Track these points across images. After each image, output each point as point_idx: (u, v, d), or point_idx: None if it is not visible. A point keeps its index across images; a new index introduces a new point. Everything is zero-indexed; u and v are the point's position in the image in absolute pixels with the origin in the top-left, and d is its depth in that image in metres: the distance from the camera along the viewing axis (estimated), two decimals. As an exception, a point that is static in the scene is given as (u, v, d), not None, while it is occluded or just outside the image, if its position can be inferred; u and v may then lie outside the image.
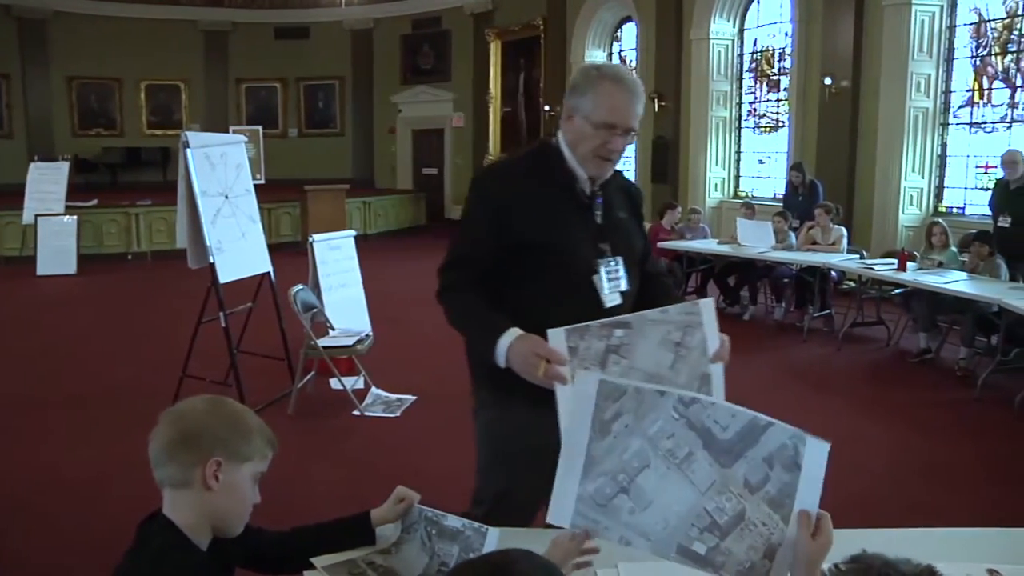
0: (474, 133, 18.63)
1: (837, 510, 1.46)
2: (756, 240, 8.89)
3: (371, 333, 6.20)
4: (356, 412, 5.69)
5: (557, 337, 1.87)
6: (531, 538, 1.78)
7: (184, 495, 1.55)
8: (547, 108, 16.68)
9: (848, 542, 1.43)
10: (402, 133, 20.14)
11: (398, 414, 5.72)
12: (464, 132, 18.96)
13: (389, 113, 20.10)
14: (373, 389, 6.05)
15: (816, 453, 1.45)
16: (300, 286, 5.89)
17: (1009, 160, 7.48)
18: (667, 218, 9.89)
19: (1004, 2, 10.02)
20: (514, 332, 2.04)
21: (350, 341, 5.87)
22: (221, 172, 5.88)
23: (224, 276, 5.64)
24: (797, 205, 9.69)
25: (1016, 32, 9.93)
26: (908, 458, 4.95)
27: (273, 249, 6.75)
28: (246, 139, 6.56)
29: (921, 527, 2.11)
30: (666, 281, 2.58)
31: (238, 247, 5.92)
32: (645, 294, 2.36)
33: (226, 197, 5.87)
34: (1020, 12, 9.84)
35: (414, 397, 5.98)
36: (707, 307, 1.98)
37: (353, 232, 7.32)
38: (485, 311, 2.18)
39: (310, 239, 6.51)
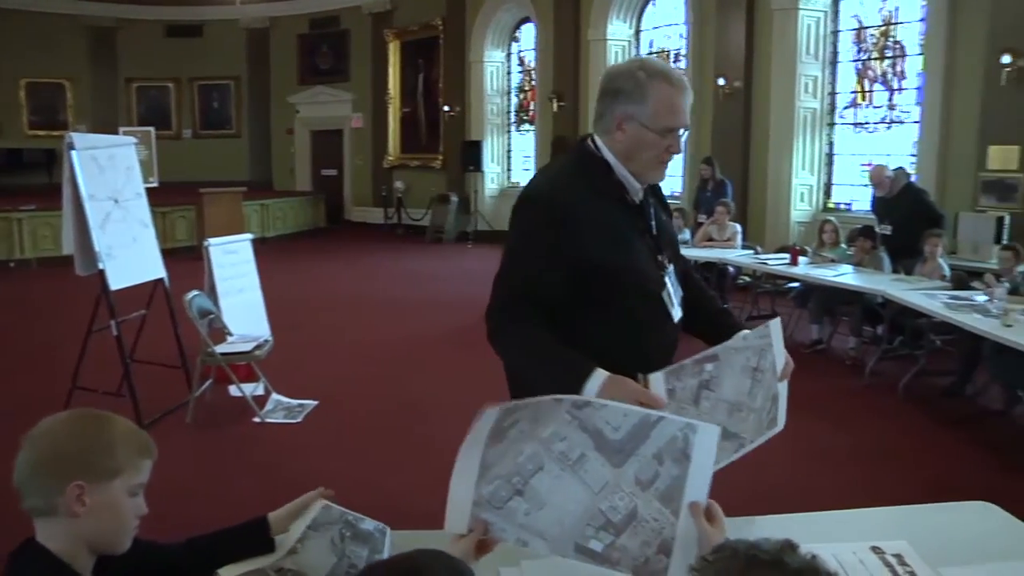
0: (373, 134, 18.49)
1: (738, 499, 1.50)
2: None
3: (270, 338, 6.09)
4: (257, 419, 5.58)
5: (657, 382, 1.83)
6: (431, 540, 1.79)
7: (53, 523, 1.46)
8: (446, 108, 16.69)
9: (740, 529, 1.47)
10: (300, 134, 19.81)
11: (300, 420, 5.62)
12: (363, 133, 18.79)
13: (287, 114, 19.73)
14: (273, 395, 5.94)
15: (706, 439, 1.50)
16: (196, 292, 5.73)
17: (876, 179, 7.80)
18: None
19: (880, 10, 10.50)
20: (602, 374, 1.87)
21: (248, 347, 5.75)
22: (110, 175, 5.67)
23: (115, 283, 5.44)
24: (704, 200, 9.87)
25: (892, 38, 10.42)
26: (803, 445, 5.11)
27: (168, 254, 6.56)
28: (136, 140, 6.36)
29: (815, 511, 2.18)
30: (694, 276, 2.42)
31: (129, 253, 5.72)
32: (687, 295, 2.27)
33: (116, 201, 5.66)
34: (895, 20, 10.33)
35: (315, 402, 5.89)
36: (776, 327, 2.03)
37: (250, 235, 7.17)
38: (561, 349, 1.96)
39: (205, 243, 6.34)
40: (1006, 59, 8.34)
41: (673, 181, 12.79)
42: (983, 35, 8.73)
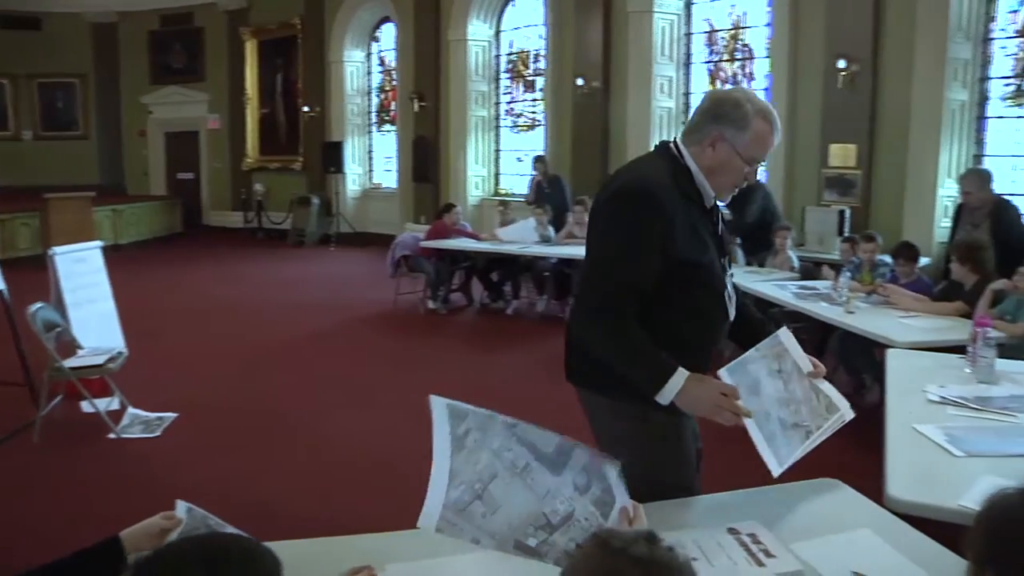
0: (231, 135, 17.93)
1: None
2: (518, 236, 9.15)
3: (124, 350, 5.82)
4: (112, 435, 5.31)
5: (724, 375, 2.18)
6: (305, 550, 1.79)
7: None
8: (306, 109, 16.39)
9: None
10: (154, 136, 18.97)
11: (159, 433, 5.40)
12: (221, 134, 18.17)
13: (139, 115, 18.82)
14: (130, 409, 5.68)
15: (611, 473, 1.67)
16: (40, 304, 5.41)
17: None
18: (449, 217, 9.88)
19: (730, 13, 10.95)
20: (683, 373, 2.09)
21: (100, 360, 5.47)
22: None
23: (-51, 297, 5.09)
24: (545, 198, 10.04)
25: (741, 41, 10.88)
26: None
27: (8, 265, 6.19)
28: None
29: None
30: (738, 285, 2.54)
31: (-36, 264, 5.36)
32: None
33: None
34: (743, 23, 10.79)
35: (175, 414, 5.67)
36: (786, 335, 2.23)
37: (100, 243, 6.84)
38: (653, 350, 2.13)
39: (50, 252, 6.01)
40: (841, 64, 8.86)
41: (517, 180, 13.05)
42: (821, 41, 9.23)
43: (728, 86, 10.92)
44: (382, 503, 4.15)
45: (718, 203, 2.35)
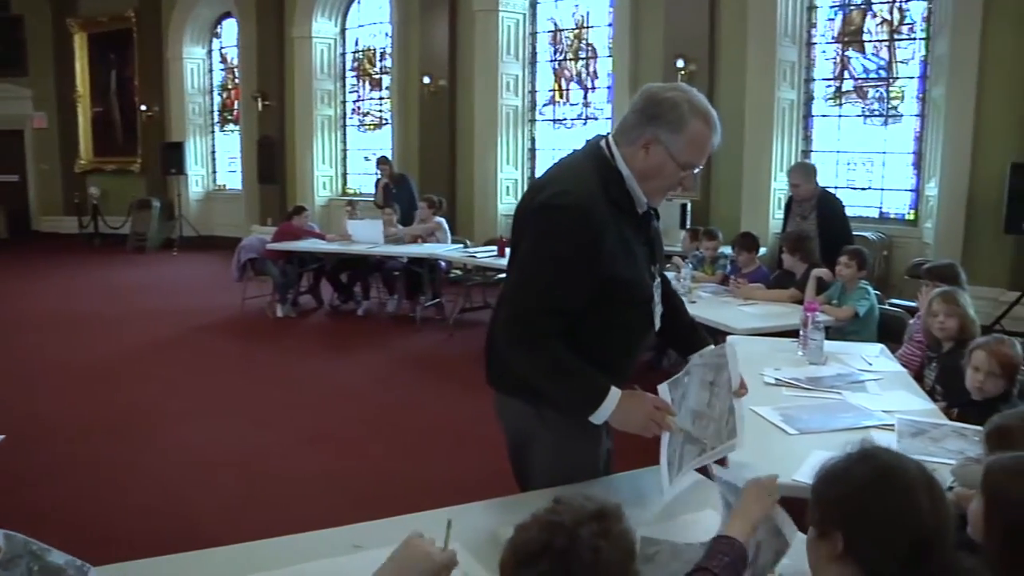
0: (61, 135, 16.83)
1: (475, 484, 1.51)
2: (366, 236, 9.03)
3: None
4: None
5: (664, 391, 2.18)
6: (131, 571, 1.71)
7: None
8: (144, 107, 15.66)
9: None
10: (-29, 136, 17.63)
11: (-22, 456, 5.01)
12: (49, 134, 17.00)
13: (-49, 112, 17.44)
14: (-58, 432, 5.24)
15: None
16: None
17: None
18: (298, 220, 9.60)
19: (574, 14, 11.17)
20: (616, 393, 2.06)
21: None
22: None
23: None
24: (392, 198, 9.96)
25: (584, 41, 11.12)
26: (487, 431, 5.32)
27: None
28: None
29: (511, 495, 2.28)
30: (672, 289, 2.50)
31: None
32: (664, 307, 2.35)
33: None
34: (587, 24, 11.02)
35: (2, 436, 5.27)
36: (732, 349, 2.19)
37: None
38: (584, 371, 2.07)
39: None
40: (680, 63, 9.18)
41: (365, 179, 12.96)
42: (660, 41, 9.54)
43: (568, 82, 11.15)
44: (238, 512, 4.00)
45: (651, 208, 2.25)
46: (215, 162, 16.01)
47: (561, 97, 11.41)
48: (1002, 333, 4.51)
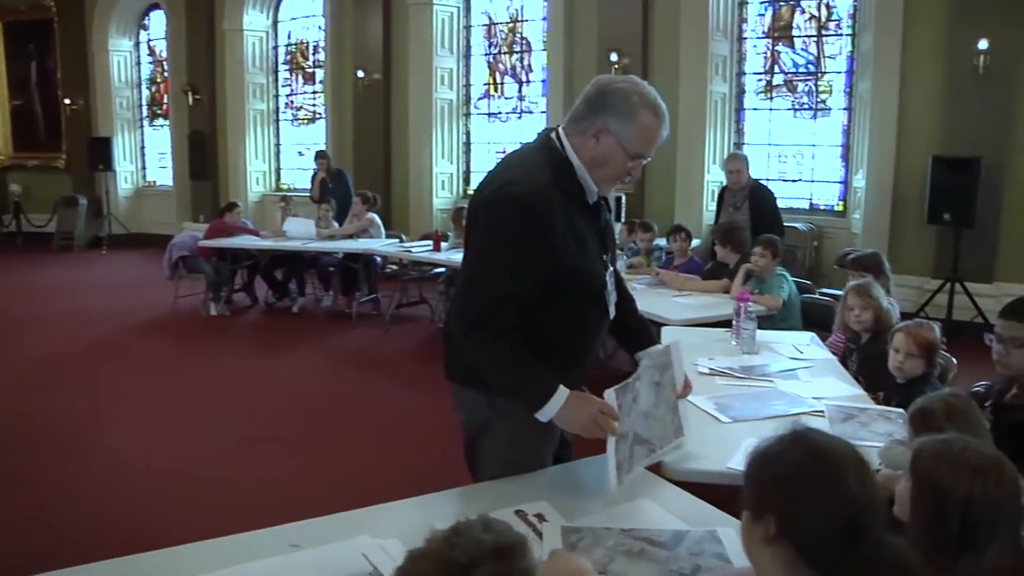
0: (-23, 130, 16.30)
1: (415, 480, 1.51)
2: (301, 232, 8.92)
3: None
4: None
5: (611, 397, 2.11)
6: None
7: None
8: (67, 101, 15.20)
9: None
10: None
11: None
12: (-35, 129, 16.49)
13: None
14: None
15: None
16: None
17: None
18: (231, 216, 9.42)
19: (508, 8, 11.17)
20: (563, 392, 2.08)
21: None
22: None
23: None
24: (329, 193, 9.87)
25: (519, 35, 11.14)
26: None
27: None
28: None
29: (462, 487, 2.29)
30: (623, 281, 2.54)
31: None
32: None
33: None
34: (521, 18, 11.04)
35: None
36: (677, 350, 2.31)
37: None
38: (533, 365, 2.10)
39: None
40: (614, 57, 9.25)
41: (299, 175, 12.84)
42: (594, 35, 9.61)
43: (503, 76, 11.17)
44: (177, 517, 3.92)
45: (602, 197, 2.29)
46: (144, 158, 15.60)
47: (496, 91, 11.41)
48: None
